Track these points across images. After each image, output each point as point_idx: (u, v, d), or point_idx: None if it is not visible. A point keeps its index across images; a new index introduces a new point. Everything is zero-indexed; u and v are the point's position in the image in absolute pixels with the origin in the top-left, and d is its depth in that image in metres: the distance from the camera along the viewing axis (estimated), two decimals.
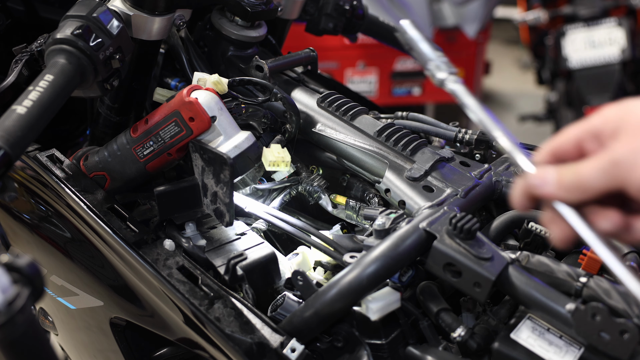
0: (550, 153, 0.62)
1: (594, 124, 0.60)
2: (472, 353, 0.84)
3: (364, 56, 3.88)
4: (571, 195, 0.58)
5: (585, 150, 0.61)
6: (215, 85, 1.03)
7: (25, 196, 1.12)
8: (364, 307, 0.85)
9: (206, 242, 0.99)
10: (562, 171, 0.59)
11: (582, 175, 0.57)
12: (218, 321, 0.85)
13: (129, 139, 1.02)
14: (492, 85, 5.48)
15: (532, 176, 0.61)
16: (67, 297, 1.13)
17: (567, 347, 0.78)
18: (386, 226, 0.92)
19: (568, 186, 0.58)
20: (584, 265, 0.90)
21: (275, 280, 0.96)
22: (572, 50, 3.52)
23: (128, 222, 0.99)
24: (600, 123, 0.59)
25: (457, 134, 1.19)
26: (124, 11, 1.05)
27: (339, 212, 1.13)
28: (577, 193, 0.58)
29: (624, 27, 3.46)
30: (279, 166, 1.04)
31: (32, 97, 0.83)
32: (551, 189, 0.59)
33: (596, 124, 0.59)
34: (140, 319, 1.00)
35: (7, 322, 0.57)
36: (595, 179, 0.57)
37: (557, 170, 0.60)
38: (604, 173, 0.56)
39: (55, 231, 1.09)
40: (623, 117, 0.58)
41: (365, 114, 1.15)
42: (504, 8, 5.70)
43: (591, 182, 0.57)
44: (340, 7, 1.41)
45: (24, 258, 0.60)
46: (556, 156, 0.62)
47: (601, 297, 0.78)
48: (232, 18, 1.21)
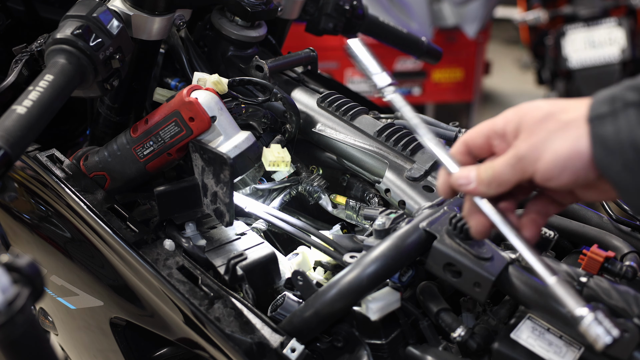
0: (465, 146, 0.73)
1: (498, 125, 0.69)
2: (472, 353, 0.83)
3: None
4: (491, 190, 0.68)
5: (493, 146, 0.71)
6: (215, 85, 1.03)
7: (25, 196, 1.12)
8: (364, 307, 0.85)
9: (206, 242, 0.99)
10: (480, 169, 0.69)
11: (496, 172, 0.67)
12: (218, 321, 0.85)
13: (129, 139, 1.02)
14: (492, 85, 5.48)
15: (458, 176, 0.71)
16: (67, 297, 1.13)
17: (567, 347, 0.78)
18: (386, 226, 0.92)
19: (487, 182, 0.68)
20: (584, 265, 0.90)
21: (275, 280, 0.96)
22: (572, 50, 3.52)
23: (128, 222, 0.99)
24: (503, 124, 0.69)
25: (457, 134, 1.19)
26: (124, 11, 1.05)
27: (339, 212, 1.13)
28: (494, 187, 0.68)
29: (624, 27, 3.46)
30: (279, 166, 1.04)
31: (32, 97, 0.83)
32: (474, 186, 0.69)
33: (500, 124, 0.69)
34: (140, 319, 1.00)
35: (7, 322, 0.57)
36: (507, 174, 0.66)
37: (476, 169, 0.70)
38: (512, 168, 0.66)
39: (55, 231, 1.09)
40: (521, 118, 0.67)
41: (365, 114, 1.15)
42: (504, 8, 5.70)
43: (504, 176, 0.67)
44: (340, 7, 1.41)
45: (24, 258, 0.60)
46: (469, 149, 0.73)
47: (601, 297, 0.78)
48: (232, 18, 1.21)
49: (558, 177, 0.63)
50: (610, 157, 0.60)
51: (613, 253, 0.90)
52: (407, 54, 1.66)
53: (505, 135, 0.68)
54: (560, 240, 1.04)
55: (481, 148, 0.72)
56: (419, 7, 3.79)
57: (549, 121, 0.64)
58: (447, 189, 0.73)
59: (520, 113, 0.67)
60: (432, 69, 3.96)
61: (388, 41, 1.58)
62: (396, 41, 1.59)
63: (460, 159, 0.73)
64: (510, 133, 0.68)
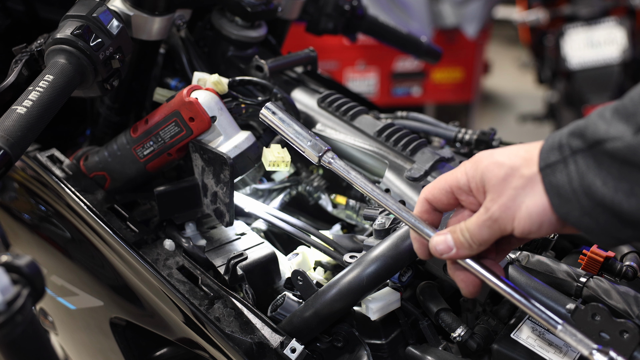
0: (428, 204, 0.73)
1: (461, 181, 0.69)
2: (472, 353, 0.84)
3: (364, 56, 3.88)
4: (473, 251, 0.69)
5: (460, 201, 0.71)
6: (215, 85, 1.03)
7: (25, 196, 1.12)
8: (364, 307, 0.85)
9: (206, 242, 0.99)
10: (457, 233, 0.69)
11: (473, 233, 0.68)
12: (218, 321, 0.85)
13: (129, 139, 1.02)
14: (492, 85, 5.48)
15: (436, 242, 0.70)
16: (67, 297, 1.13)
17: (567, 347, 0.78)
18: (386, 226, 0.92)
19: (467, 244, 0.68)
20: (584, 265, 0.90)
21: (275, 280, 0.96)
22: (572, 50, 3.52)
23: (128, 222, 0.99)
24: (466, 180, 0.69)
25: (457, 134, 1.19)
26: (124, 11, 1.05)
27: (339, 212, 1.13)
28: (476, 247, 0.68)
29: (624, 27, 3.46)
30: (279, 166, 1.04)
31: (32, 97, 0.83)
32: (455, 252, 0.69)
33: (463, 180, 0.69)
34: (140, 319, 1.00)
35: (7, 322, 0.57)
36: (484, 234, 0.67)
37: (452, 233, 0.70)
38: (489, 229, 0.66)
39: (55, 231, 1.09)
40: (483, 175, 0.67)
41: (365, 114, 1.15)
42: (504, 8, 5.70)
43: (482, 236, 0.67)
44: (340, 7, 1.41)
45: (24, 258, 0.60)
46: (433, 207, 0.73)
47: (601, 297, 0.78)
48: (232, 18, 1.21)
49: (538, 231, 0.64)
50: (567, 205, 0.61)
51: (613, 253, 0.89)
52: (407, 53, 1.66)
53: (472, 191, 0.69)
54: (560, 240, 1.04)
55: (445, 204, 0.72)
56: (419, 7, 3.79)
57: (513, 178, 0.64)
58: (425, 253, 0.73)
59: (481, 169, 0.67)
60: (432, 69, 3.96)
61: (388, 41, 1.58)
62: (396, 41, 1.59)
63: (427, 218, 0.73)
64: (476, 189, 0.68)
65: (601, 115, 0.60)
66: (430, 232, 0.72)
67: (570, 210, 0.61)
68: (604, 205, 0.59)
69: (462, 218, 0.72)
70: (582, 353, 0.64)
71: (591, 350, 0.63)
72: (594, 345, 0.63)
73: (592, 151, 0.59)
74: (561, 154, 0.62)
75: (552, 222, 0.63)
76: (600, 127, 0.59)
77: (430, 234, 0.71)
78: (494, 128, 1.20)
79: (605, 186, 0.58)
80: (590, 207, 0.60)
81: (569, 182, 0.60)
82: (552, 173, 0.62)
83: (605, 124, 0.59)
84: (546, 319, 0.66)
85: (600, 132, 0.59)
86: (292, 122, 0.80)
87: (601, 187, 0.59)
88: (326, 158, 0.77)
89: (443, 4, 3.94)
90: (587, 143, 0.60)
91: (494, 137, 1.17)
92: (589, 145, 0.60)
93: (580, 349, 0.64)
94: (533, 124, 4.25)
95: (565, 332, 0.65)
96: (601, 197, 0.59)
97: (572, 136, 0.61)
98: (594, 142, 0.59)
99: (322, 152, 0.77)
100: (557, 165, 0.61)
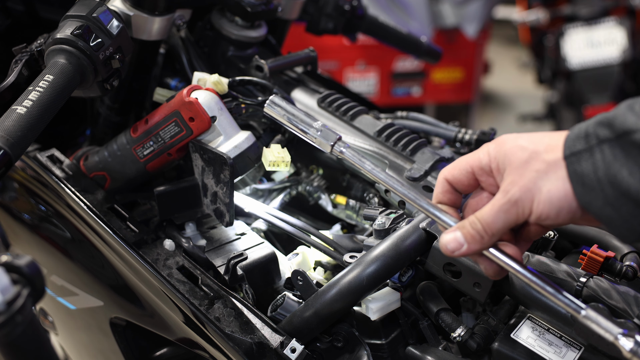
0: (448, 184, 0.72)
1: (483, 161, 0.69)
2: (472, 353, 0.84)
3: (364, 56, 3.88)
4: (482, 244, 0.67)
5: (480, 182, 0.71)
6: (215, 85, 1.03)
7: (25, 196, 1.12)
8: (364, 307, 0.85)
9: (206, 242, 0.99)
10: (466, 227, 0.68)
11: (486, 223, 0.66)
12: (218, 321, 0.85)
13: (129, 139, 1.02)
14: (492, 85, 5.48)
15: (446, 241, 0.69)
16: (67, 297, 1.13)
17: (567, 347, 0.78)
18: (386, 226, 0.92)
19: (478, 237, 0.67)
20: (584, 265, 0.90)
21: (275, 280, 0.96)
22: (572, 50, 3.52)
23: (128, 222, 0.99)
24: (487, 160, 0.69)
25: (457, 134, 1.19)
26: (124, 11, 1.05)
27: (339, 212, 1.13)
28: (486, 239, 0.67)
29: (624, 27, 3.46)
30: (279, 166, 1.04)
31: (32, 97, 0.83)
32: (467, 248, 0.68)
33: (484, 160, 0.69)
34: (140, 319, 1.00)
35: (7, 322, 0.57)
36: (499, 221, 0.66)
37: (460, 229, 0.68)
38: (505, 214, 0.65)
39: (55, 231, 1.09)
40: (505, 157, 0.66)
41: (365, 114, 1.15)
42: (504, 8, 5.70)
43: (495, 224, 0.66)
44: (340, 7, 1.41)
45: (24, 258, 0.60)
46: (453, 187, 0.72)
47: (601, 297, 0.78)
48: (232, 18, 1.21)
49: (556, 217, 0.64)
50: (590, 194, 0.61)
51: (613, 253, 0.90)
52: (407, 53, 1.66)
53: (492, 172, 0.69)
54: (560, 240, 1.04)
55: (465, 185, 0.72)
56: (419, 7, 3.79)
57: (535, 162, 0.64)
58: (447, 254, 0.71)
59: (504, 151, 0.67)
60: (432, 69, 3.96)
61: (388, 41, 1.58)
62: (396, 41, 1.59)
63: (446, 199, 0.73)
64: (496, 170, 0.68)
65: (630, 108, 0.60)
66: (449, 221, 0.70)
67: (592, 199, 0.61)
68: (629, 195, 0.59)
69: (479, 200, 0.71)
70: (606, 339, 0.63)
71: (616, 335, 0.62)
72: (619, 329, 0.62)
73: (619, 141, 0.60)
74: (587, 143, 0.62)
75: (571, 210, 0.63)
76: (629, 118, 0.59)
77: (450, 223, 0.70)
78: (494, 128, 1.20)
79: (631, 176, 0.58)
80: (614, 197, 0.60)
81: (594, 171, 0.61)
82: (577, 161, 0.62)
83: (634, 116, 0.59)
84: (569, 304, 0.65)
85: (629, 122, 0.59)
86: (299, 113, 0.78)
87: (627, 177, 0.59)
88: (338, 147, 0.76)
89: (443, 4, 3.94)
90: (615, 133, 0.60)
91: (494, 137, 1.17)
92: (617, 135, 0.60)
93: (604, 335, 0.63)
94: (533, 124, 4.25)
95: (589, 318, 0.64)
96: (626, 188, 0.59)
97: (600, 126, 0.61)
98: (622, 132, 0.59)
99: (334, 140, 0.76)
100: (583, 154, 0.62)
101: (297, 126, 0.78)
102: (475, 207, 0.71)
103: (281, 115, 0.78)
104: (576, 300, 0.65)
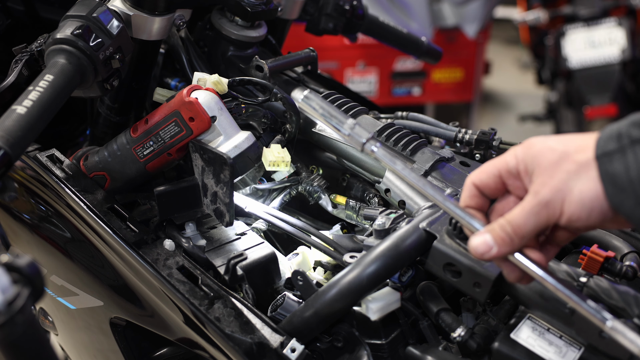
0: (476, 189, 0.71)
1: (511, 164, 0.68)
2: (472, 353, 0.84)
3: (364, 56, 3.88)
4: (515, 247, 0.66)
5: (507, 186, 0.70)
6: (215, 85, 1.03)
7: (25, 196, 1.12)
8: (364, 307, 0.85)
9: (206, 242, 0.99)
10: (496, 230, 0.67)
11: (516, 226, 0.65)
12: (218, 321, 0.85)
13: (129, 139, 1.02)
14: (492, 85, 5.48)
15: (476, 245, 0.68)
16: (67, 297, 1.13)
17: (567, 347, 0.78)
18: (386, 226, 0.92)
19: (508, 239, 0.66)
20: (584, 265, 0.90)
21: (275, 280, 0.96)
22: (572, 50, 3.52)
23: (128, 222, 0.99)
24: (514, 163, 0.67)
25: (457, 134, 1.19)
26: (124, 11, 1.05)
27: (339, 212, 1.13)
28: (518, 242, 0.66)
29: (624, 27, 3.46)
30: (279, 166, 1.04)
31: (32, 97, 0.83)
32: (497, 250, 0.67)
33: (511, 163, 0.68)
34: (140, 319, 1.00)
35: (7, 322, 0.57)
36: (529, 223, 0.65)
37: (491, 231, 0.67)
38: (536, 216, 0.64)
39: (55, 231, 1.09)
40: (534, 159, 0.66)
41: (365, 114, 1.15)
42: (504, 8, 5.70)
43: (526, 227, 0.65)
44: (340, 7, 1.41)
45: (24, 258, 0.60)
46: (480, 192, 0.71)
47: (601, 297, 0.78)
48: (232, 18, 1.21)
49: (587, 219, 0.63)
50: (622, 194, 0.60)
51: (613, 253, 0.90)
52: (407, 54, 1.66)
53: (520, 175, 0.68)
54: None
55: (493, 189, 0.70)
56: (419, 7, 3.79)
57: (566, 162, 0.63)
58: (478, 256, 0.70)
59: (532, 153, 0.66)
60: (432, 69, 3.96)
61: (388, 41, 1.58)
62: (396, 41, 1.59)
63: (474, 203, 0.71)
64: (524, 173, 0.67)
65: None
66: (478, 225, 0.69)
67: (624, 200, 0.60)
68: None
69: (506, 204, 0.70)
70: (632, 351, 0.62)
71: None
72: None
73: None
74: (619, 143, 0.61)
75: (602, 211, 0.62)
76: None
77: (478, 227, 0.69)
78: (494, 128, 1.20)
79: None
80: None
81: (626, 172, 0.60)
82: (609, 161, 0.61)
83: None
84: (594, 314, 0.64)
85: None
86: (333, 110, 0.76)
87: None
88: (369, 145, 0.74)
89: (443, 4, 3.95)
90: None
91: (494, 137, 1.17)
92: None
93: (630, 347, 0.62)
94: (533, 124, 4.26)
95: (615, 329, 0.63)
96: None
97: (633, 126, 0.61)
98: None
99: (366, 138, 0.75)
100: (615, 154, 0.61)
101: (330, 122, 0.77)
102: (502, 212, 0.71)
103: (315, 111, 0.78)
104: (602, 310, 0.65)
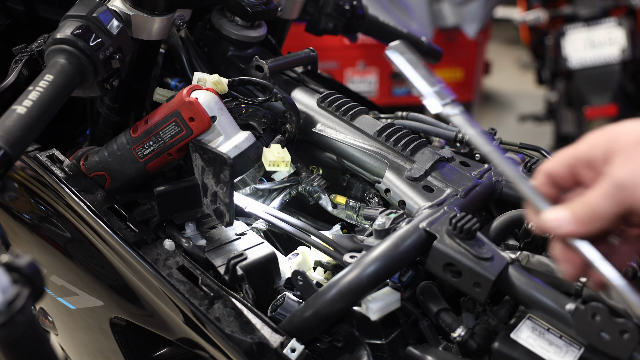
0: (547, 177, 0.66)
1: (583, 151, 0.63)
2: (472, 353, 0.84)
3: (364, 56, 3.88)
4: (587, 228, 0.61)
5: (580, 177, 0.65)
6: (215, 85, 1.03)
7: (25, 196, 1.12)
8: (364, 307, 0.85)
9: (206, 242, 0.99)
10: (574, 206, 0.62)
11: (593, 206, 0.60)
12: (218, 321, 0.85)
13: (129, 139, 1.02)
14: (492, 85, 5.48)
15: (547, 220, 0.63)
16: (67, 297, 1.13)
17: (567, 347, 0.78)
18: (386, 226, 0.92)
19: (583, 219, 0.61)
20: None
21: (275, 280, 0.96)
22: (572, 50, 3.52)
23: (128, 222, 0.99)
24: (588, 150, 0.63)
25: (457, 134, 1.19)
26: (124, 11, 1.05)
27: (339, 212, 1.13)
28: (592, 224, 0.61)
29: (624, 27, 3.46)
30: (279, 166, 1.04)
31: (32, 97, 0.83)
32: (568, 228, 0.62)
33: (584, 151, 0.63)
34: (140, 319, 1.00)
35: (7, 322, 0.57)
36: (605, 206, 0.60)
37: (567, 207, 0.63)
38: (612, 198, 0.59)
39: (55, 231, 1.09)
40: (611, 142, 0.61)
41: (365, 114, 1.15)
42: (504, 8, 5.71)
43: (602, 210, 0.60)
44: (340, 7, 1.41)
45: (24, 258, 0.60)
46: (552, 181, 0.66)
47: (601, 297, 0.78)
48: (232, 18, 1.21)
49: None
50: None
51: None
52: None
53: (592, 163, 0.63)
54: None
55: (565, 178, 0.66)
56: (419, 7, 3.80)
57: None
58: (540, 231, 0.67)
59: (609, 137, 0.62)
60: (432, 68, 3.95)
61: (388, 41, 1.57)
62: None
63: (545, 192, 0.67)
64: (599, 159, 0.62)
65: None
66: (546, 204, 0.65)
67: None
68: None
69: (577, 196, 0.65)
70: None
71: None
72: None
73: None
74: None
75: None
76: None
77: (545, 206, 0.65)
78: (494, 128, 1.20)
79: None
80: None
81: None
82: None
83: None
84: None
85: None
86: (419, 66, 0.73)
87: None
88: (447, 109, 0.71)
89: (443, 4, 3.95)
90: None
91: (494, 137, 1.17)
92: None
93: None
94: (533, 124, 4.26)
95: None
96: None
97: None
98: None
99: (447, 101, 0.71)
100: None
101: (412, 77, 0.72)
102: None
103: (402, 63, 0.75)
104: None
